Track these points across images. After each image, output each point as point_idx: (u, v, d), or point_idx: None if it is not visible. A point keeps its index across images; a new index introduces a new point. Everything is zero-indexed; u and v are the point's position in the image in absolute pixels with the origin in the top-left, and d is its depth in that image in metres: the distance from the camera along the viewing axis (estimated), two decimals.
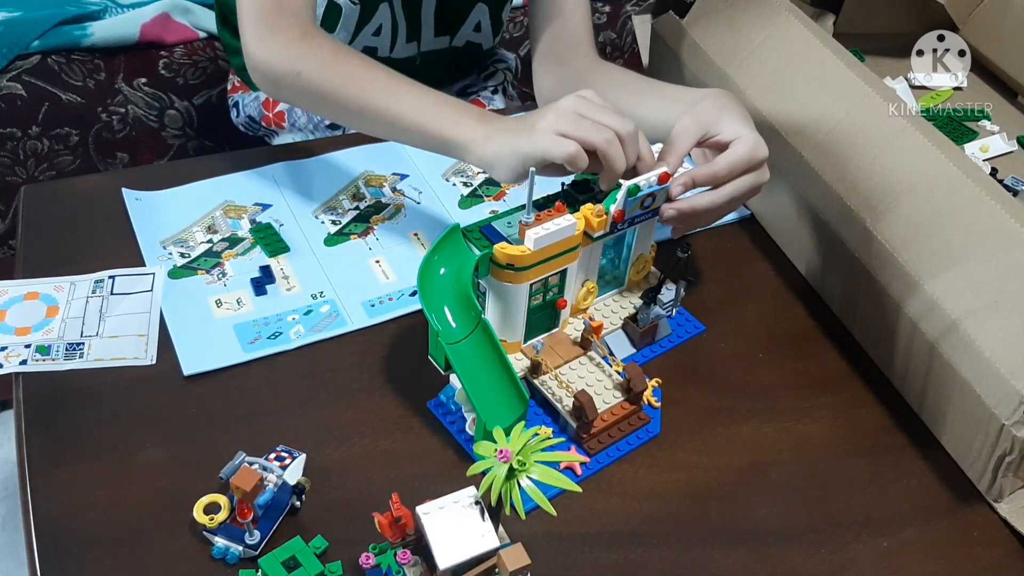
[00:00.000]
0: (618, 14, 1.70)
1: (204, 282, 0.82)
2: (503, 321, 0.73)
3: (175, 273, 0.83)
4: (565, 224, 0.70)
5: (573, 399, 0.70)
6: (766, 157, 0.77)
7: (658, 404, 0.75)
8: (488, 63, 1.20)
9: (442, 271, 0.69)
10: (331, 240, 0.88)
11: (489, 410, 0.66)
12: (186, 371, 0.74)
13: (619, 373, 0.73)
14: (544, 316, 0.75)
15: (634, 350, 0.79)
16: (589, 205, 0.73)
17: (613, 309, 0.81)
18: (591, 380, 0.73)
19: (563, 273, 0.73)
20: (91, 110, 1.38)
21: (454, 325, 0.67)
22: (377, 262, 0.86)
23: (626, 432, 0.72)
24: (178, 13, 1.44)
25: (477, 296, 0.73)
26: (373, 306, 0.81)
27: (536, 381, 0.73)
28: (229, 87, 1.23)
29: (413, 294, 0.82)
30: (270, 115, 1.15)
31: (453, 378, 0.70)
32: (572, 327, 0.78)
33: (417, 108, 0.79)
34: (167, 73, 1.41)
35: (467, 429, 0.70)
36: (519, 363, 0.74)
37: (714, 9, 1.01)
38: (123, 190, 0.90)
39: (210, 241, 0.86)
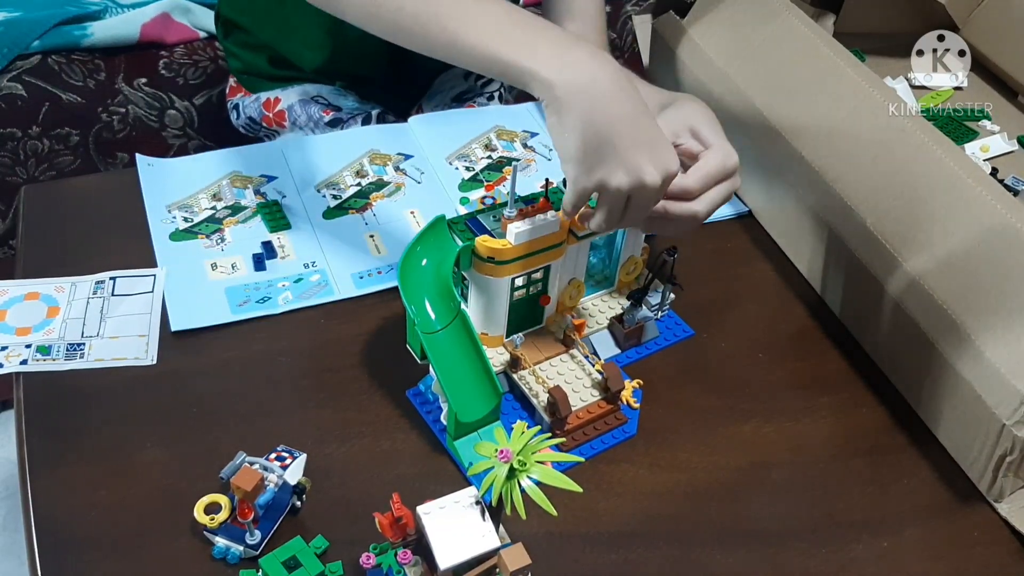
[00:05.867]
0: (618, 14, 1.70)
1: (203, 246, 0.85)
2: (485, 314, 0.74)
3: (176, 236, 0.86)
4: (547, 220, 0.70)
5: (548, 394, 0.70)
6: (736, 165, 0.75)
7: (637, 405, 0.75)
8: None
9: (424, 262, 0.69)
10: (330, 213, 0.90)
11: (462, 401, 0.67)
12: (174, 327, 0.77)
13: (600, 372, 0.74)
14: (528, 311, 0.76)
15: (619, 350, 0.79)
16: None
17: (601, 309, 0.81)
18: (570, 377, 0.74)
19: (547, 269, 0.73)
20: (91, 110, 1.38)
21: (433, 316, 0.68)
22: (371, 236, 0.88)
23: (601, 431, 0.72)
24: (178, 13, 1.44)
25: (461, 289, 0.73)
26: (362, 278, 0.83)
27: (515, 376, 0.74)
28: (227, 91, 1.23)
29: None
30: (270, 115, 1.15)
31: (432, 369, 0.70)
32: (558, 324, 0.78)
33: (496, 33, 0.67)
34: (167, 73, 1.41)
35: (441, 419, 0.70)
36: (500, 357, 0.75)
37: (714, 9, 1.01)
38: (136, 155, 0.93)
39: (213, 208, 0.89)
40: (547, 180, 0.74)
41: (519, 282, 0.73)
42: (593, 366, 0.74)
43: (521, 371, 0.74)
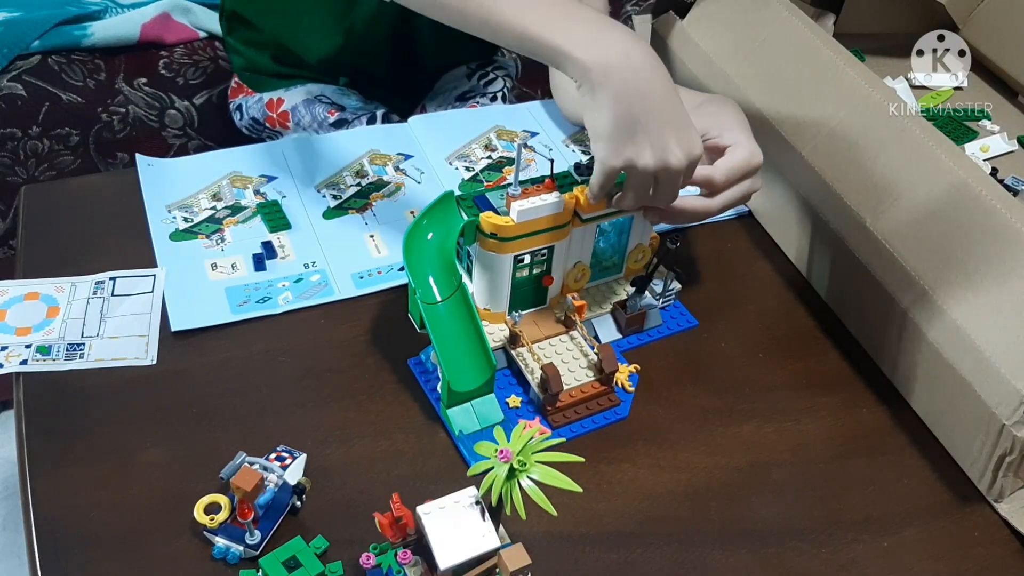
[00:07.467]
0: (618, 14, 1.70)
1: (203, 246, 0.85)
2: (489, 290, 0.74)
3: (176, 236, 0.86)
4: (551, 201, 0.71)
5: (541, 371, 0.71)
6: (761, 165, 0.77)
7: (632, 389, 0.75)
8: (489, 70, 1.21)
9: (429, 236, 0.71)
10: (330, 213, 0.91)
11: (456, 371, 0.69)
12: (174, 327, 0.77)
13: (596, 354, 0.74)
14: (531, 290, 0.76)
15: (620, 335, 0.80)
16: (582, 186, 0.73)
17: (606, 295, 0.81)
18: (567, 357, 0.75)
19: (551, 250, 0.74)
20: (91, 110, 1.38)
21: (435, 288, 0.70)
22: (371, 236, 0.88)
23: (593, 411, 0.73)
24: (178, 13, 1.44)
25: (466, 264, 0.74)
26: (362, 278, 0.84)
27: (513, 352, 0.74)
28: (230, 90, 1.23)
29: (402, 269, 0.84)
30: (274, 116, 1.15)
31: None
32: (560, 306, 0.79)
33: (534, 13, 0.68)
34: (167, 73, 1.41)
35: (438, 388, 0.71)
36: (501, 333, 0.76)
37: (714, 9, 1.01)
38: (136, 155, 0.93)
39: (213, 208, 0.89)
40: (552, 161, 0.75)
41: (523, 260, 0.73)
42: (593, 349, 0.75)
43: (519, 348, 0.75)
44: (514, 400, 0.73)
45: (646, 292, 0.80)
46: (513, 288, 0.74)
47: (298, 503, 0.65)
